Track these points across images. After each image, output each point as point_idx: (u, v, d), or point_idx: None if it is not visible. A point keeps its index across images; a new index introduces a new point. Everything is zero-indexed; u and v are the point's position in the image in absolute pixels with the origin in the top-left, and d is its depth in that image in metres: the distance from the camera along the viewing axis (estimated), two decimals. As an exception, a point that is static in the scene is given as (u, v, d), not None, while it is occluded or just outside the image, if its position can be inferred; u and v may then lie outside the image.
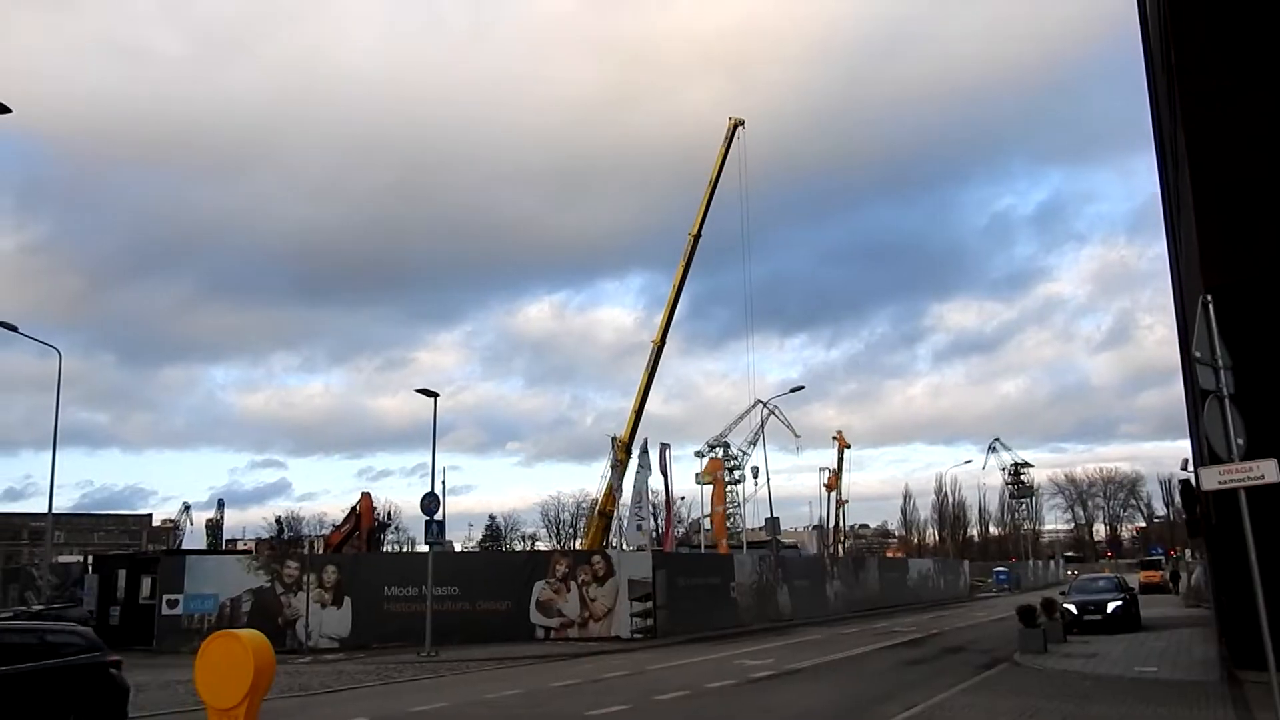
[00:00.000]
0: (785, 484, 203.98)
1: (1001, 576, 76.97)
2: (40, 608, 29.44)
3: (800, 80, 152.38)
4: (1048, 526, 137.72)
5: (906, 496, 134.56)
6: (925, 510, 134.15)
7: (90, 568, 34.90)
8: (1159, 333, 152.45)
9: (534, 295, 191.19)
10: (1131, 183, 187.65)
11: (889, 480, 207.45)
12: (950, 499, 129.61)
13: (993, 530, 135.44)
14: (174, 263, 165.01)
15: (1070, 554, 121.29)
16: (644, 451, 39.74)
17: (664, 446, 40.83)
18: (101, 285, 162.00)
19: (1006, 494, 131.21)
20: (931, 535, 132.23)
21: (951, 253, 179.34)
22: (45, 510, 35.64)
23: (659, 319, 50.62)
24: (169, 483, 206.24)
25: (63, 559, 52.58)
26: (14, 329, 33.50)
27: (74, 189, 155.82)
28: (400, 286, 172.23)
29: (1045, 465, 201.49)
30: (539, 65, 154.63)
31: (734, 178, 51.58)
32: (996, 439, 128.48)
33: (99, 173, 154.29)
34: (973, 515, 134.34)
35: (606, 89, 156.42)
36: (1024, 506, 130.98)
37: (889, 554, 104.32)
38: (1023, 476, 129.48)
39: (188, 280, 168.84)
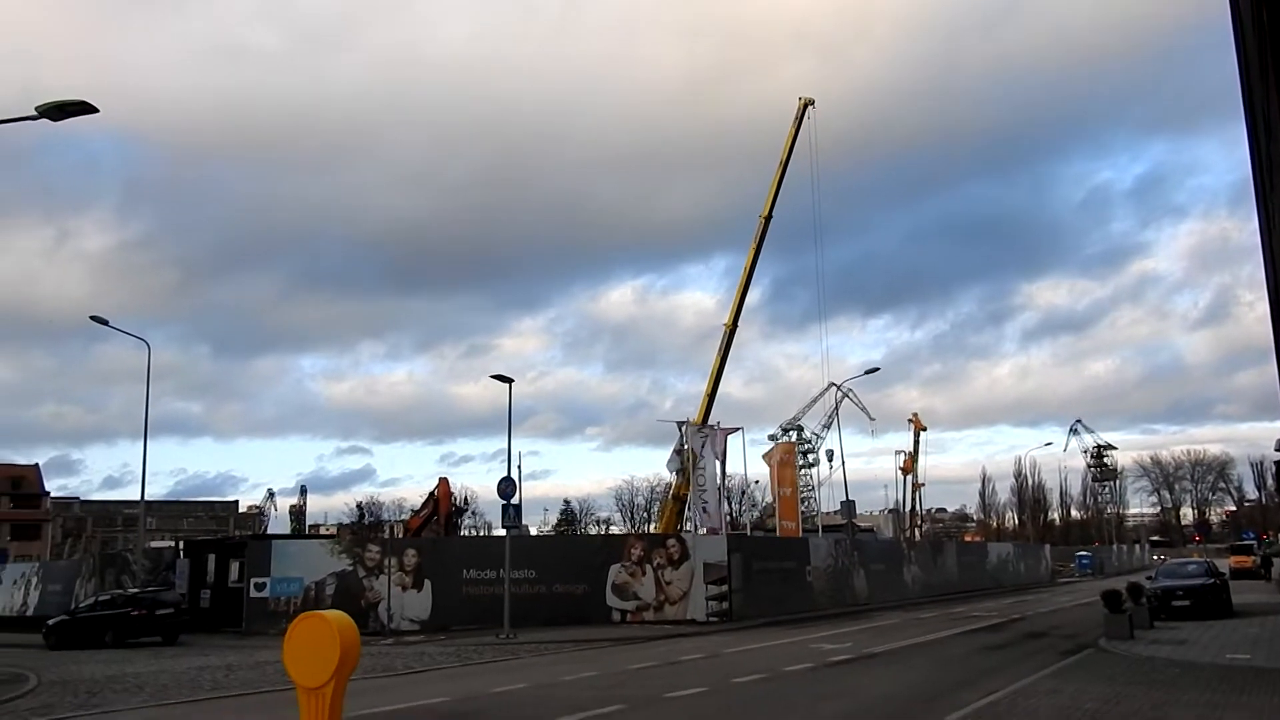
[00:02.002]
0: (863, 467, 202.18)
1: (1084, 561, 75.33)
2: (135, 591, 30.50)
3: (891, 58, 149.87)
4: (1132, 510, 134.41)
5: (985, 480, 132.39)
6: (1004, 494, 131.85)
7: (181, 553, 36.04)
8: (1260, 309, 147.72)
9: (617, 280, 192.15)
10: (1236, 153, 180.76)
11: (970, 463, 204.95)
12: (1030, 482, 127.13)
13: (1074, 514, 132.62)
14: (267, 255, 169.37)
15: (1156, 538, 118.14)
16: (702, 434, 39.66)
17: (723, 431, 40.60)
18: (197, 279, 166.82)
19: (1089, 477, 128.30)
20: (1011, 519, 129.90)
21: (1044, 230, 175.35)
22: (139, 498, 36.93)
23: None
24: (258, 470, 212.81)
25: (155, 544, 54.33)
26: (105, 322, 34.70)
27: (173, 186, 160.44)
28: (486, 274, 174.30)
29: (1134, 447, 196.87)
30: (628, 50, 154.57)
31: (813, 158, 51.13)
32: (1078, 421, 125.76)
33: (197, 169, 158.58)
34: (1053, 499, 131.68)
35: (696, 72, 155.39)
36: (1107, 490, 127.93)
37: (967, 538, 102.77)
38: (1105, 459, 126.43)
39: (280, 272, 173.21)
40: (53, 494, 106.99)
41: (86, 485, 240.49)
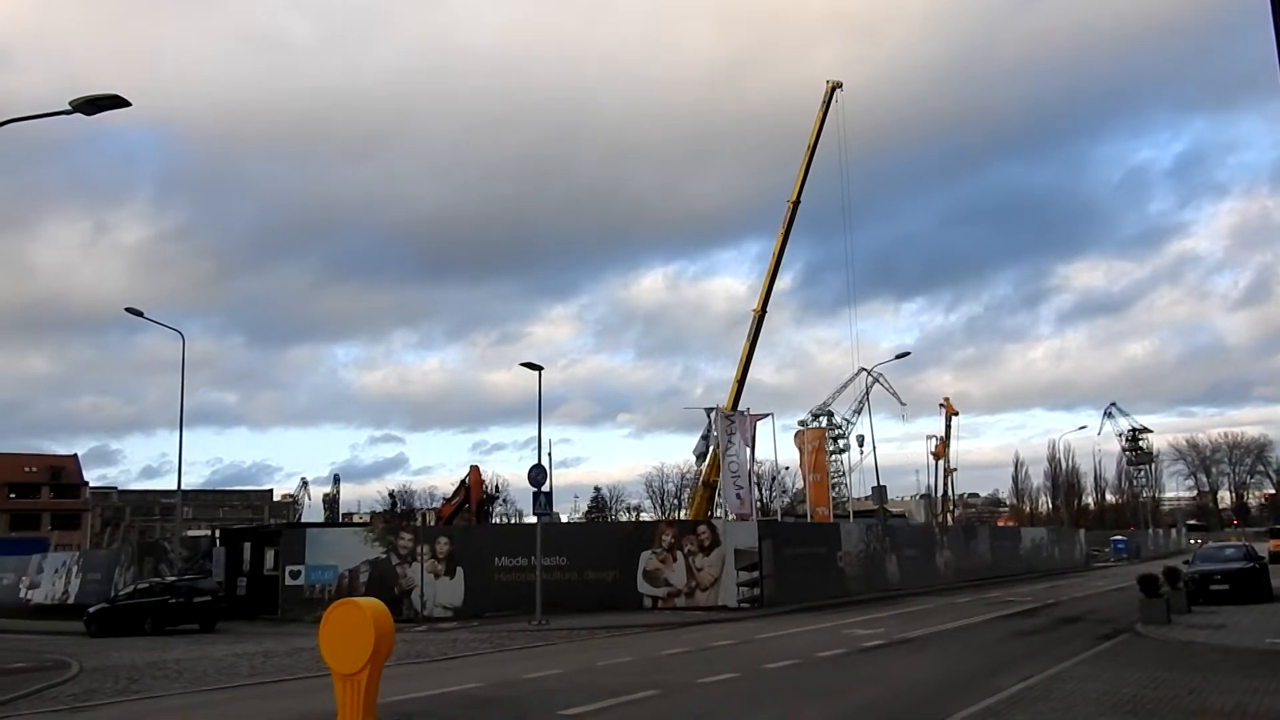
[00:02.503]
0: (895, 453, 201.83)
1: (1119, 545, 74.63)
2: (173, 579, 30.91)
3: (924, 38, 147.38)
4: (1168, 494, 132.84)
5: (1018, 464, 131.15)
6: (1038, 478, 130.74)
7: (218, 541, 36.48)
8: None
9: (649, 267, 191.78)
10: (1279, 129, 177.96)
11: (1004, 447, 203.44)
12: (1064, 466, 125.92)
13: (1109, 498, 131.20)
14: (301, 245, 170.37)
15: (1193, 522, 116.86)
16: (731, 421, 39.60)
17: (753, 417, 40.51)
18: (232, 270, 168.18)
19: (1123, 461, 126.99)
20: (1045, 504, 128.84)
21: (1081, 211, 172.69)
22: (176, 487, 37.41)
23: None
24: (293, 459, 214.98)
25: (192, 533, 55.05)
26: (140, 314, 35.11)
27: (208, 177, 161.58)
28: (518, 262, 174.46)
29: (1171, 430, 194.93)
30: (660, 36, 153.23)
31: (849, 143, 50.77)
32: (1113, 404, 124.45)
33: (232, 161, 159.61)
34: (1088, 483, 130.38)
35: (729, 55, 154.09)
36: (1142, 474, 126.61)
37: (999, 523, 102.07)
38: (1141, 443, 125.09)
39: (314, 262, 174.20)
40: (91, 484, 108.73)
41: (125, 475, 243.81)
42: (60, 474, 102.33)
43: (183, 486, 37.96)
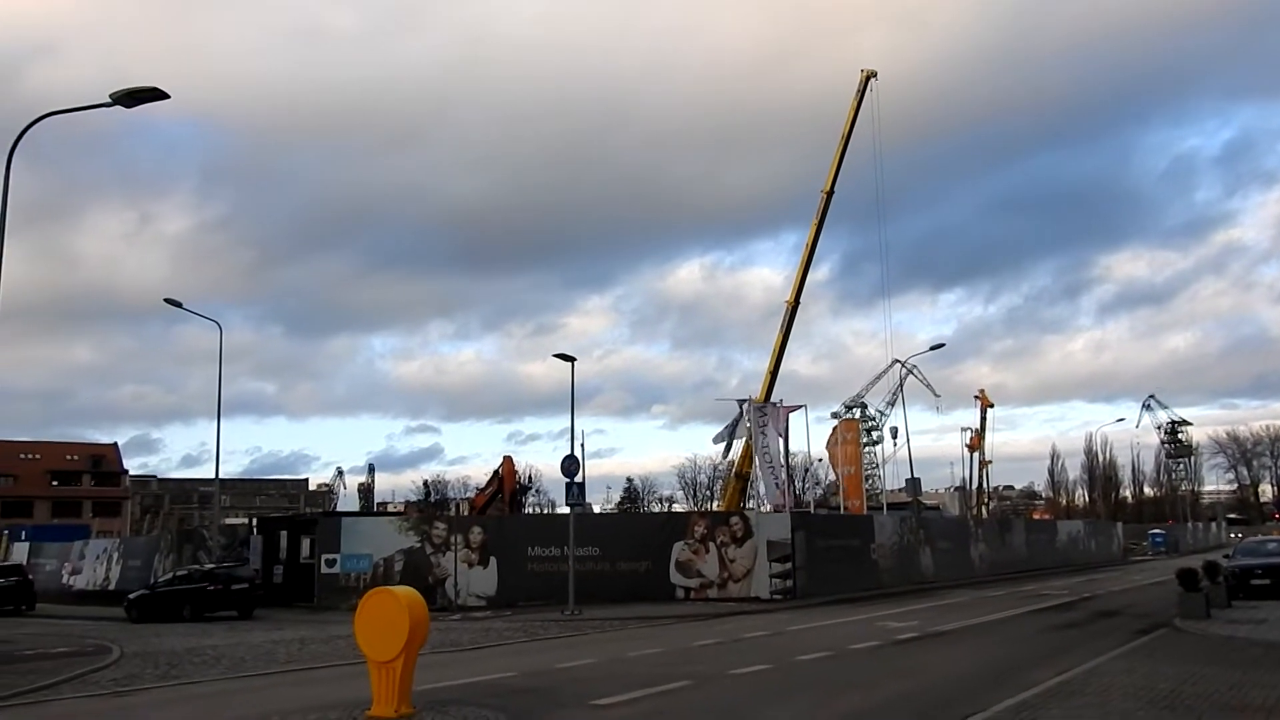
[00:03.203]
0: (931, 445, 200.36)
1: (1157, 539, 73.79)
2: (211, 567, 31.33)
3: (968, 24, 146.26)
4: (1208, 487, 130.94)
5: (1054, 457, 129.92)
6: (1074, 471, 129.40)
7: (255, 529, 36.93)
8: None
9: (685, 257, 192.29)
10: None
11: (1040, 440, 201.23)
12: (1101, 459, 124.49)
13: (1147, 491, 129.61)
14: (339, 236, 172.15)
15: (1233, 516, 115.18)
16: (763, 412, 39.50)
17: (785, 409, 40.38)
18: (272, 261, 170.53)
19: (1162, 453, 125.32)
20: (1081, 497, 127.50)
21: (1124, 200, 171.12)
22: (214, 476, 37.91)
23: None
24: (330, 448, 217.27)
25: (229, 521, 55.75)
26: (179, 305, 35.57)
27: (249, 168, 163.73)
28: (555, 253, 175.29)
29: (1213, 422, 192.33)
30: (699, 24, 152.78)
31: (887, 133, 50.37)
32: (1151, 396, 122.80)
33: (273, 152, 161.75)
34: (1125, 476, 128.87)
35: (772, 42, 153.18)
36: (1181, 466, 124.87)
37: (1035, 516, 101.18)
38: (1180, 435, 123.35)
39: (353, 253, 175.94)
40: (131, 472, 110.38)
41: (166, 464, 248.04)
42: (101, 462, 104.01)
43: (221, 475, 38.47)
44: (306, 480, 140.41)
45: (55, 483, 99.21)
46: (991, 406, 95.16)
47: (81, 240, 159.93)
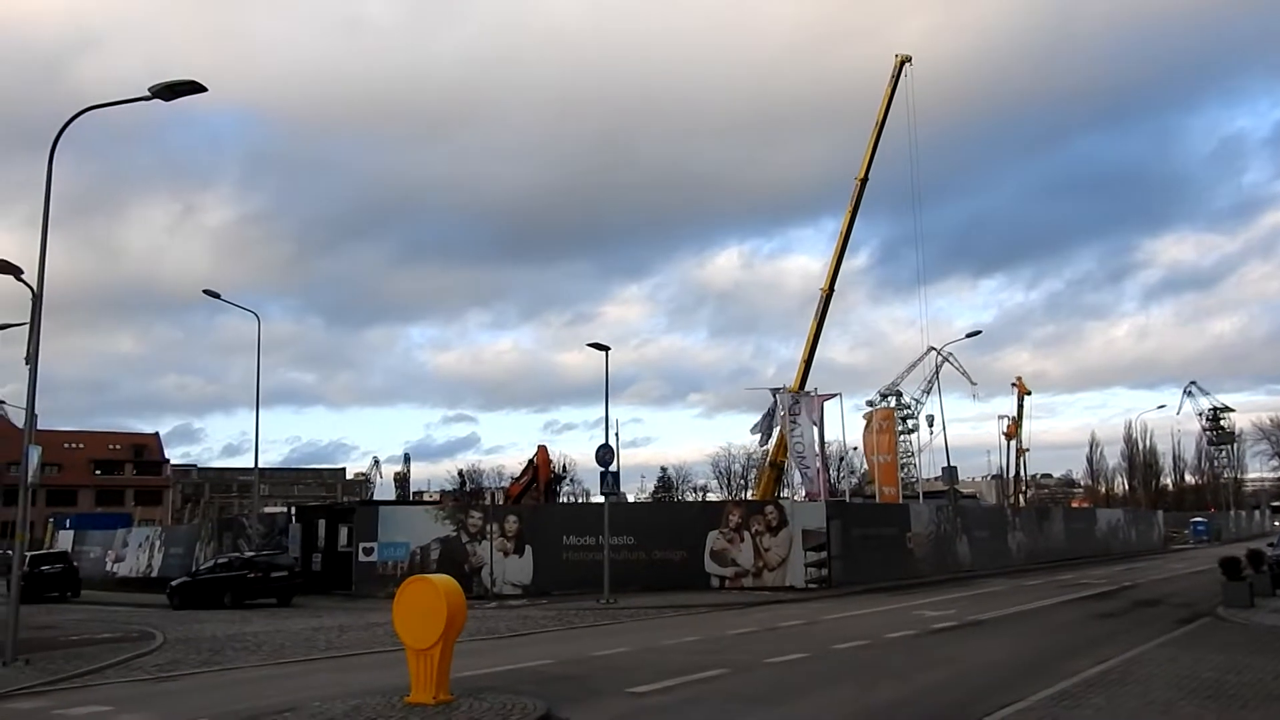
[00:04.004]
0: (969, 433, 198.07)
1: (1199, 528, 72.73)
2: (251, 555, 31.72)
3: (1015, 7, 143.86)
4: (1251, 475, 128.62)
5: (1093, 444, 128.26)
6: (1113, 459, 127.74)
7: (294, 518, 37.32)
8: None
9: (723, 245, 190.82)
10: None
11: (1081, 428, 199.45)
12: (1141, 446, 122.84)
13: (1188, 479, 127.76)
14: (380, 226, 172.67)
15: (1277, 504, 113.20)
16: (796, 401, 39.30)
17: (820, 397, 40.15)
18: (312, 251, 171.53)
19: (1203, 441, 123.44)
20: (1121, 485, 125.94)
21: (1170, 183, 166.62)
22: (253, 465, 38.36)
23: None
24: (368, 438, 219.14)
25: (268, 510, 56.43)
26: (217, 296, 35.98)
27: (290, 160, 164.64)
28: (592, 242, 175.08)
29: (1260, 409, 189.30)
30: (741, 8, 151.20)
31: (927, 119, 49.91)
32: (1192, 383, 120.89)
33: (314, 143, 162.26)
34: (1166, 464, 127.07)
35: (813, 27, 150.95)
36: (1224, 454, 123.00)
37: (1074, 504, 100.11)
38: (1222, 422, 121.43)
39: (391, 243, 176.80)
40: (173, 462, 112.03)
41: (208, 453, 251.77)
42: (143, 452, 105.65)
43: (260, 465, 38.94)
44: (343, 470, 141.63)
45: (98, 472, 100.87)
46: (1029, 394, 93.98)
47: (126, 232, 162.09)
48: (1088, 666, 12.33)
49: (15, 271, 18.32)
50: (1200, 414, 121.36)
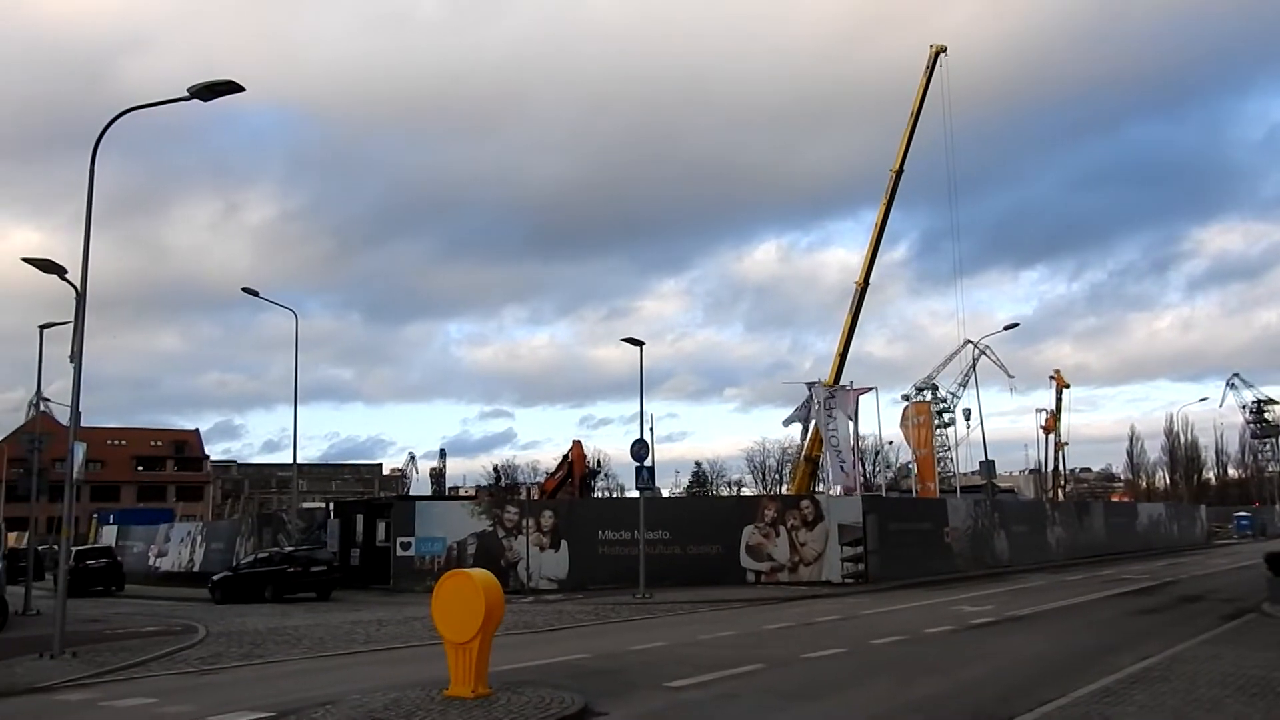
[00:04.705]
0: (1008, 427, 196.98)
1: (1243, 522, 71.62)
2: (291, 549, 32.08)
3: None
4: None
5: (1133, 438, 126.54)
6: (1154, 452, 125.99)
7: (332, 513, 37.70)
8: None
9: (761, 239, 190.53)
10: None
11: (1123, 421, 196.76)
12: (1183, 440, 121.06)
13: (1232, 473, 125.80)
14: (419, 222, 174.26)
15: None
16: (831, 395, 39.12)
17: (855, 391, 39.94)
18: (352, 248, 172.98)
19: (1247, 433, 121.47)
20: (1162, 479, 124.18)
21: (1219, 171, 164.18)
22: (292, 461, 38.76)
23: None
24: (406, 433, 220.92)
25: (307, 505, 57.03)
26: (255, 293, 36.39)
27: (330, 157, 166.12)
28: (630, 236, 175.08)
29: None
30: (781, 1, 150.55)
31: (967, 108, 49.42)
32: (1235, 375, 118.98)
33: (354, 139, 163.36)
34: (1209, 457, 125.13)
35: (855, 16, 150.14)
36: (1268, 447, 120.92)
37: (1115, 499, 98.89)
38: (1267, 414, 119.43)
39: (431, 239, 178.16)
40: (213, 458, 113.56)
41: (248, 449, 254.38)
42: (184, 448, 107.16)
43: (298, 460, 39.33)
44: (380, 465, 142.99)
45: (140, 468, 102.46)
46: (1067, 387, 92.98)
47: (169, 231, 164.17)
48: (1130, 663, 12.18)
49: (59, 271, 18.64)
50: (1244, 406, 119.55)
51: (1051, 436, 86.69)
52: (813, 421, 43.52)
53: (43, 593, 28.30)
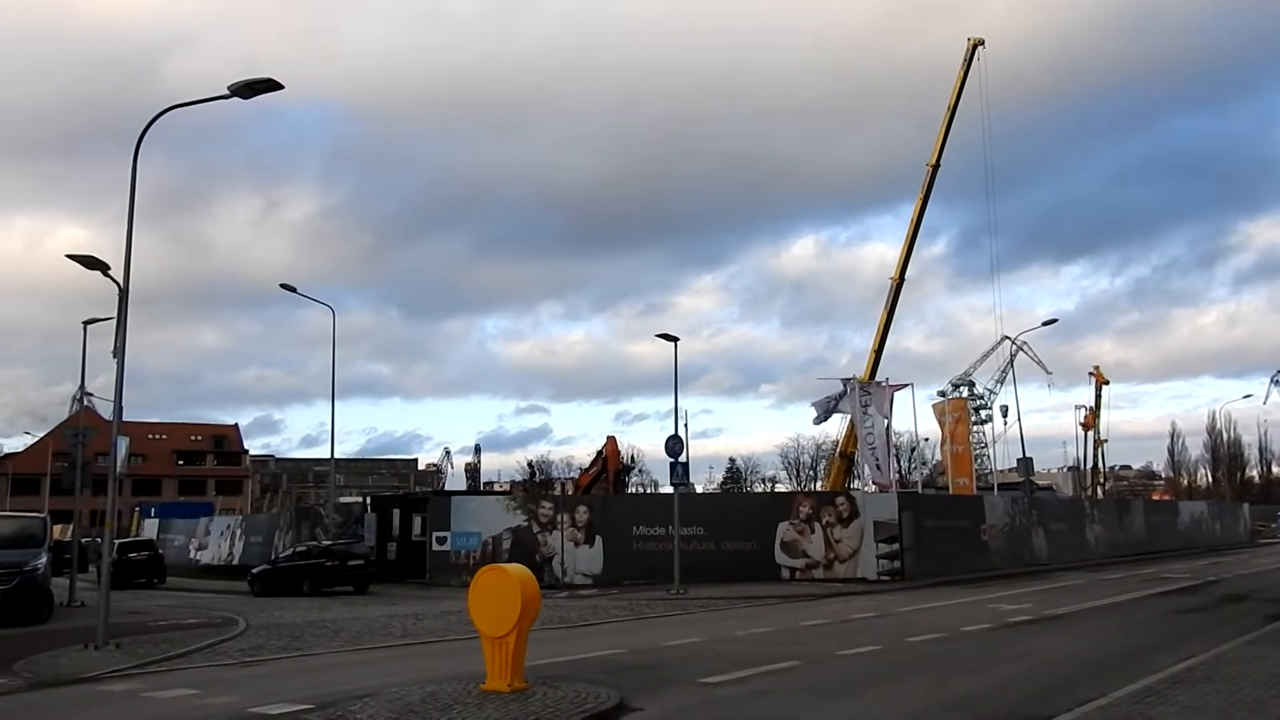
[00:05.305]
0: (1047, 423, 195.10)
1: (1288, 521, 70.49)
2: (329, 543, 32.39)
3: None
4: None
5: (1174, 435, 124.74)
6: (1195, 450, 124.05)
7: (369, 507, 38.03)
8: None
9: (799, 234, 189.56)
10: None
11: (1165, 418, 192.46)
12: (1225, 437, 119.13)
13: (1276, 471, 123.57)
14: (456, 218, 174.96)
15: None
16: (867, 392, 38.85)
17: (890, 388, 39.65)
18: (390, 244, 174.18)
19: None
20: (1204, 477, 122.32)
21: (1267, 163, 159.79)
22: (329, 455, 39.16)
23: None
24: (442, 429, 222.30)
25: (344, 500, 57.57)
26: (293, 290, 36.72)
27: (369, 153, 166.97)
28: (666, 232, 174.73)
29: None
30: None
31: (1007, 101, 48.95)
32: (1279, 371, 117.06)
33: (392, 136, 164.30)
34: (1252, 455, 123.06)
35: (892, 7, 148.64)
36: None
37: (1154, 496, 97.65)
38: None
39: (467, 235, 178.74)
40: (253, 452, 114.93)
41: (287, 443, 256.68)
42: (223, 442, 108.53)
43: (335, 455, 39.73)
44: (416, 460, 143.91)
45: (181, 462, 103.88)
46: (1107, 383, 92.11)
47: (211, 228, 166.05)
48: (1171, 663, 12.01)
49: (102, 267, 18.93)
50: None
51: (1090, 433, 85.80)
52: (846, 417, 43.28)
53: (86, 585, 28.76)
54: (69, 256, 19.05)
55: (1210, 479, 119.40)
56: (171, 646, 16.02)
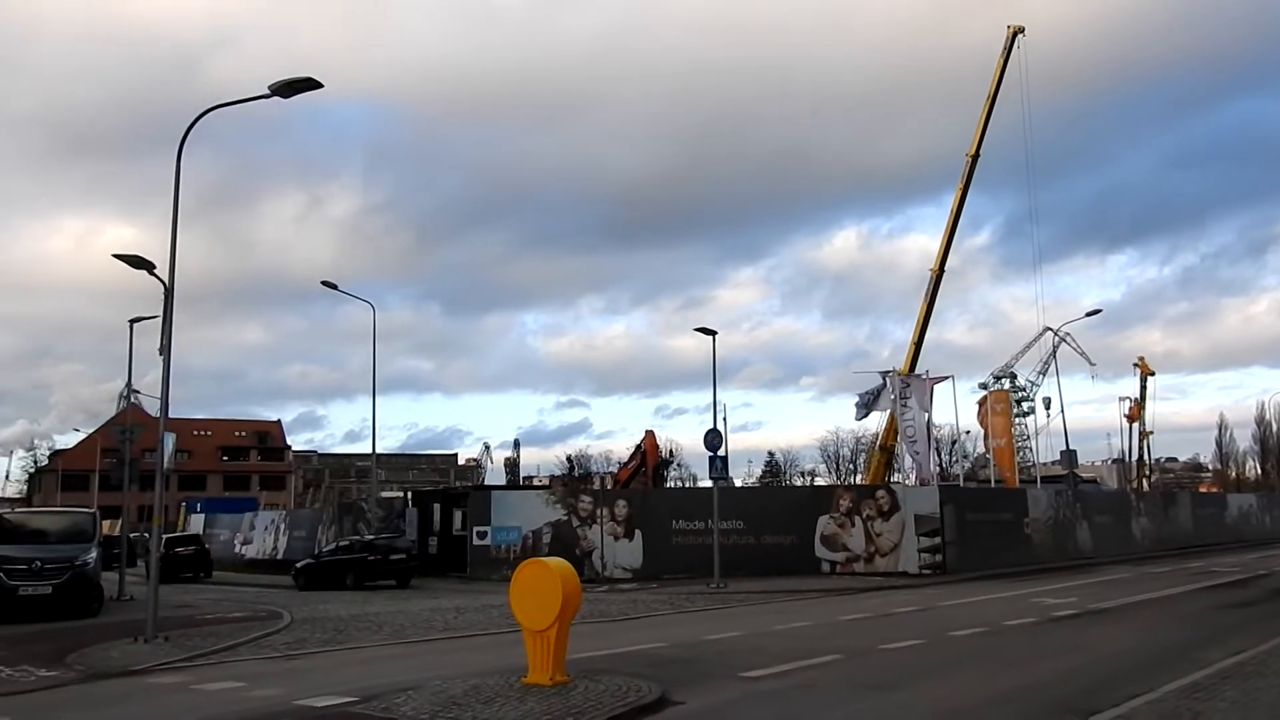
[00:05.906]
0: (1092, 415, 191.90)
1: (1340, 514, 68.95)
2: (371, 538, 32.71)
3: None
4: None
5: (1222, 427, 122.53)
6: (1244, 441, 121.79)
7: (410, 502, 38.35)
8: None
9: (840, 226, 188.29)
10: None
11: (1214, 409, 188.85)
12: (1275, 428, 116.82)
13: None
14: (497, 213, 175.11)
15: None
16: (907, 384, 38.53)
17: (930, 380, 39.31)
18: (431, 240, 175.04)
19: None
20: (1252, 469, 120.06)
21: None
22: (371, 451, 39.53)
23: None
24: (483, 424, 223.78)
25: (385, 494, 58.09)
26: (334, 286, 37.09)
27: (412, 149, 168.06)
28: (707, 225, 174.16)
29: None
30: None
31: (1052, 89, 48.39)
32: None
33: (434, 132, 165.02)
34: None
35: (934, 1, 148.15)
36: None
37: (1201, 489, 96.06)
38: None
39: (509, 230, 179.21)
40: (296, 448, 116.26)
41: (330, 439, 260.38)
42: (267, 438, 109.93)
43: (377, 450, 40.11)
44: (456, 455, 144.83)
45: (225, 458, 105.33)
46: (1152, 374, 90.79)
47: (256, 225, 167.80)
48: (1220, 658, 11.83)
49: (148, 266, 19.22)
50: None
51: (1135, 425, 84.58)
52: (886, 409, 42.98)
53: (135, 579, 29.25)
54: (116, 256, 19.37)
55: (1259, 471, 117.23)
56: (219, 640, 16.27)
